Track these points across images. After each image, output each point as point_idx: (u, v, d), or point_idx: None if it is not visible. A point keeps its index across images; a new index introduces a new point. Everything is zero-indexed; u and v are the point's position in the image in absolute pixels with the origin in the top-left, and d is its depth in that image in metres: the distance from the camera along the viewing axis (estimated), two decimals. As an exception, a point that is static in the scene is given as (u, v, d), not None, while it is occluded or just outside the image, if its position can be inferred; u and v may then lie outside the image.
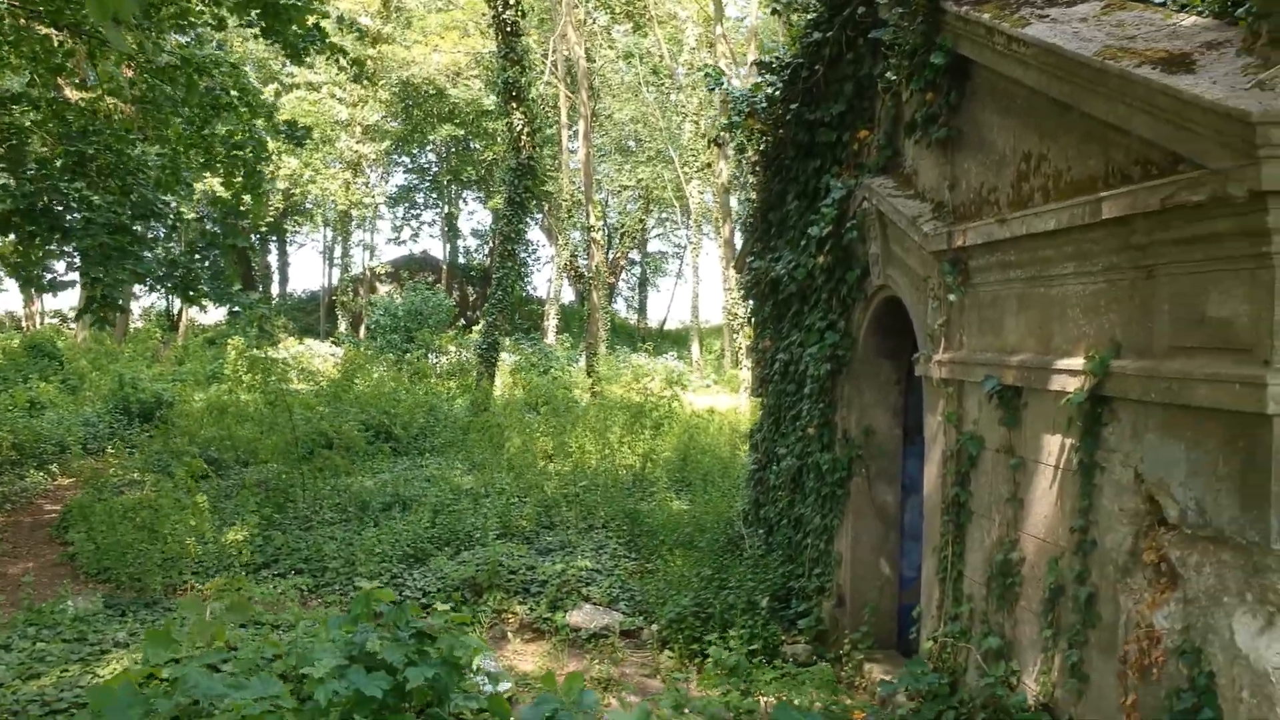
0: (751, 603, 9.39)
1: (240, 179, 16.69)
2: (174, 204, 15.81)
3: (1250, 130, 3.82)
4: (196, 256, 15.26)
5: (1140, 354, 4.85)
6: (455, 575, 10.16)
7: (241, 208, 15.50)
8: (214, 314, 52.18)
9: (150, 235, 15.20)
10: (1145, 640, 4.74)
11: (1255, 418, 4.04)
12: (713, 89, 10.86)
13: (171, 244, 15.75)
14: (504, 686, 7.84)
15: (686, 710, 6.41)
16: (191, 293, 15.00)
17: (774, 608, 9.44)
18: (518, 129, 21.50)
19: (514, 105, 21.37)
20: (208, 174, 17.79)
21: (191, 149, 16.22)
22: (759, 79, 10.05)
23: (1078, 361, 5.30)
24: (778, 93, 9.66)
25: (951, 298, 6.66)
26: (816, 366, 9.19)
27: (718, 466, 15.59)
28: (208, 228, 14.75)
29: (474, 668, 6.42)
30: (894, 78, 7.44)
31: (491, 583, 10.03)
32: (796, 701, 6.73)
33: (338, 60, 16.38)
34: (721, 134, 11.00)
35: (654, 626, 9.38)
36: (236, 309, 15.22)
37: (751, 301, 11.53)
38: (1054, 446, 5.64)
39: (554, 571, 10.17)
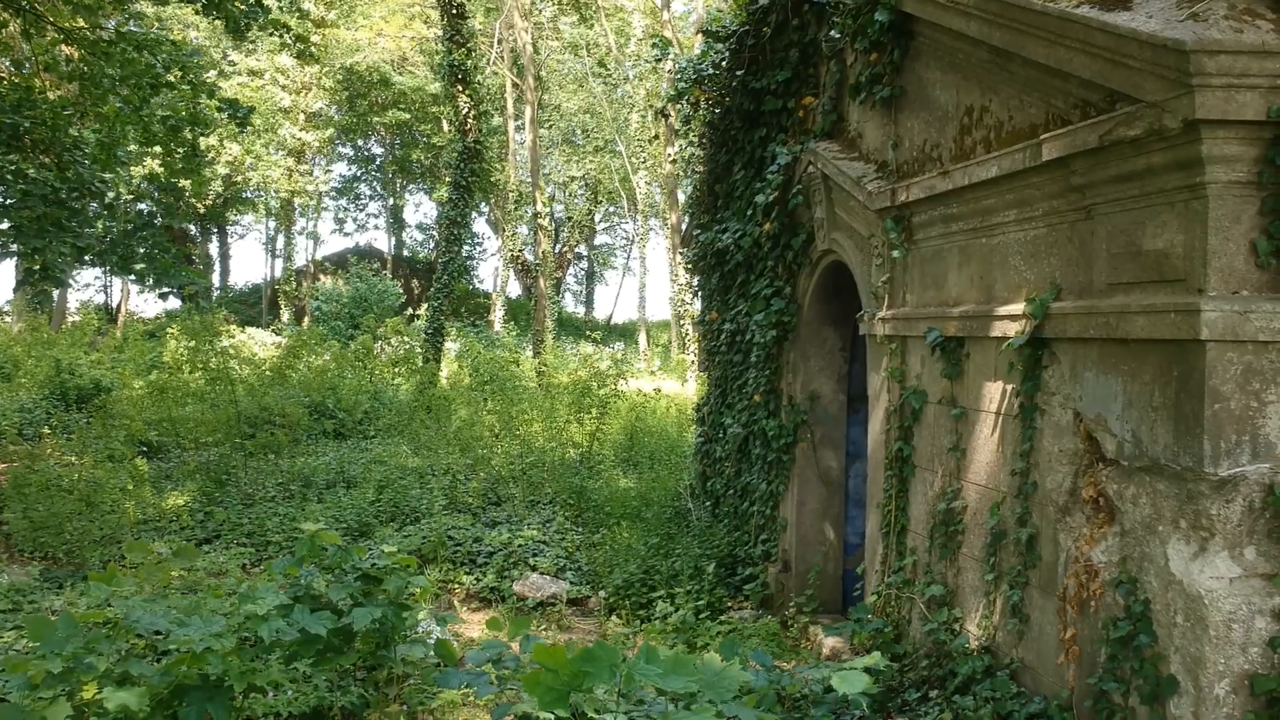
0: (698, 569, 9.41)
1: (179, 158, 16.42)
2: (111, 181, 15.49)
3: (1184, 59, 3.90)
4: (138, 234, 14.95)
5: (1080, 294, 4.94)
6: (401, 547, 10.06)
7: (180, 186, 15.23)
8: (154, 307, 51.40)
9: (90, 213, 14.87)
10: (1084, 575, 4.83)
11: (1189, 345, 4.13)
12: (659, 59, 10.86)
13: (112, 223, 15.39)
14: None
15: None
16: (129, 270, 14.71)
17: (720, 574, 9.48)
18: (463, 112, 21.35)
19: (459, 88, 21.22)
20: (146, 154, 17.46)
21: (129, 127, 15.90)
22: (705, 46, 10.08)
23: (1018, 307, 5.38)
24: (724, 61, 9.70)
25: (895, 254, 6.73)
26: (763, 334, 9.24)
27: (664, 446, 15.62)
28: (140, 207, 14.44)
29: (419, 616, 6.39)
30: (838, 37, 7.51)
31: (437, 554, 9.96)
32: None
33: (281, 37, 16.11)
34: (667, 105, 11.02)
35: (601, 594, 9.38)
36: (173, 286, 14.92)
37: (699, 276, 11.56)
38: (995, 394, 5.72)
39: (501, 542, 10.13)
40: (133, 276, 15.43)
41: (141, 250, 14.04)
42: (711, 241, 10.56)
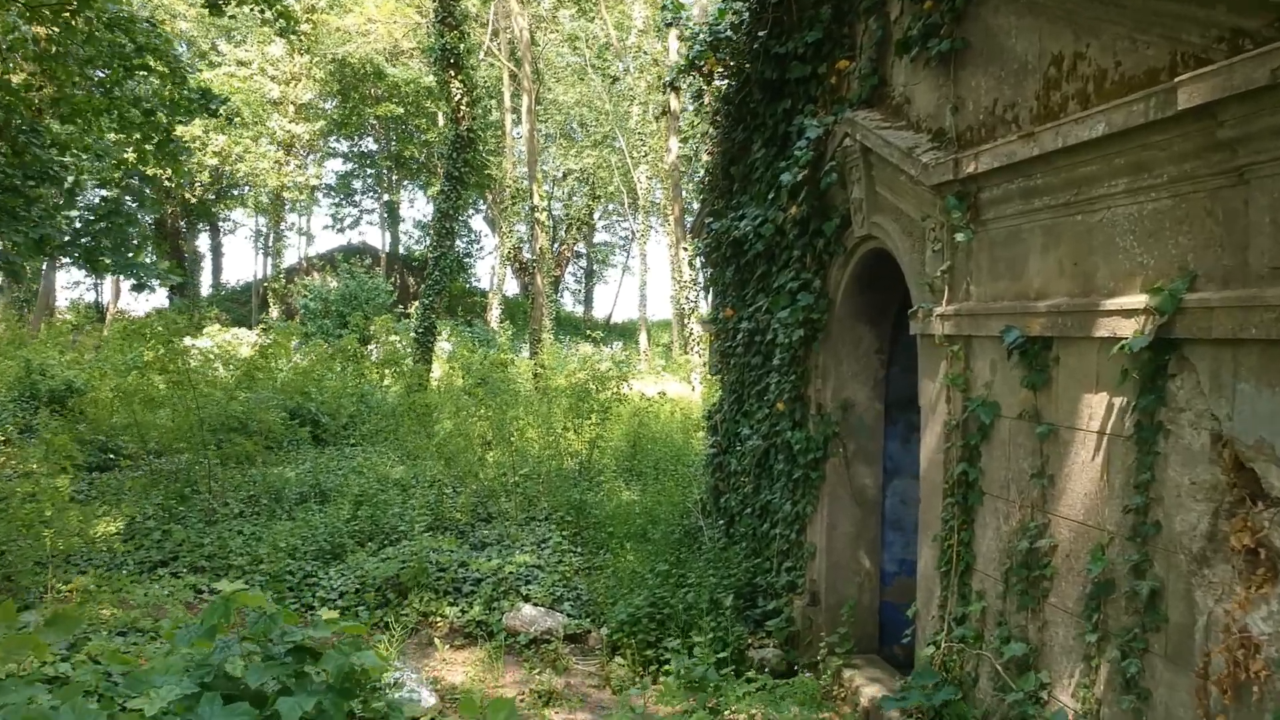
0: (714, 601, 8.27)
1: (155, 146, 15.33)
2: (72, 167, 14.34)
3: None
4: (102, 225, 13.80)
5: (1225, 282, 3.81)
6: (376, 573, 8.92)
7: (156, 174, 14.10)
8: (145, 305, 50.20)
9: (49, 200, 13.74)
10: (1238, 649, 3.69)
11: None
12: (670, 23, 9.72)
13: (74, 212, 14.25)
14: (427, 703, 6.66)
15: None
16: (95, 263, 13.59)
17: (739, 607, 8.34)
18: (456, 98, 20.19)
19: (452, 74, 20.06)
20: (124, 144, 16.32)
21: (101, 114, 14.79)
22: (723, 6, 8.91)
23: (1134, 300, 4.25)
24: (743, 23, 8.55)
25: (959, 238, 5.59)
26: (787, 333, 8.09)
27: (670, 454, 14.48)
28: (103, 194, 13.28)
29: (386, 683, 5.25)
30: (886, -16, 6.37)
31: (417, 581, 8.81)
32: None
33: (263, 12, 14.94)
34: (677, 77, 9.87)
35: (603, 630, 8.23)
36: (143, 280, 13.80)
37: (711, 269, 10.42)
38: (1097, 408, 4.58)
39: (489, 568, 8.96)
40: (99, 270, 14.35)
41: (108, 243, 12.92)
42: (727, 230, 9.42)
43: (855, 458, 7.86)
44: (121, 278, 12.72)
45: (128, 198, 13.41)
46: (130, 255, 13.03)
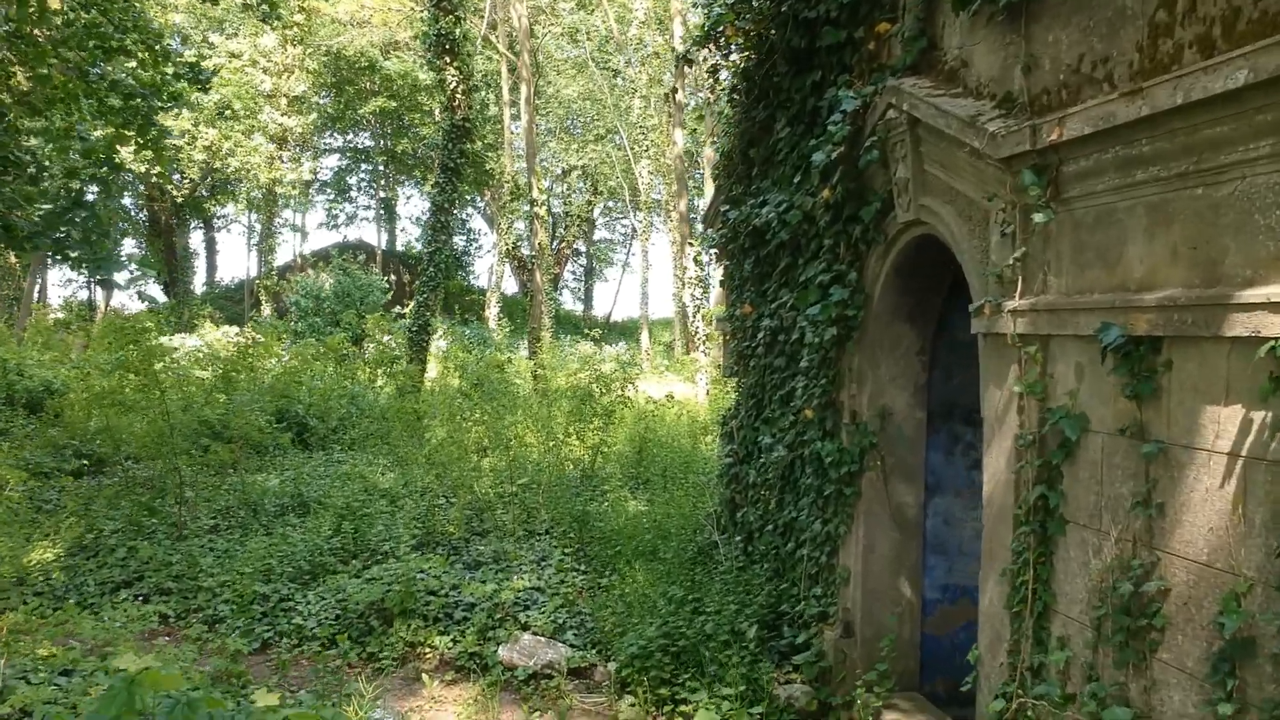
0: (735, 631, 7.41)
1: (133, 131, 14.48)
2: (40, 153, 13.45)
3: None
4: (69, 214, 12.89)
5: None
6: (359, 598, 8.05)
7: (144, 169, 13.22)
8: (138, 303, 49.20)
9: (12, 190, 12.82)
10: None
11: None
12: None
13: (44, 204, 13.33)
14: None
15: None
16: (64, 255, 12.72)
17: (762, 638, 7.47)
18: (451, 86, 19.30)
19: (447, 60, 19.17)
20: (102, 129, 15.45)
21: (77, 100, 13.92)
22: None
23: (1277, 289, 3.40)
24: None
25: (1036, 220, 4.72)
26: (817, 332, 7.23)
27: (678, 461, 13.60)
28: (72, 184, 12.38)
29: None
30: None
31: (404, 607, 7.94)
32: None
33: (248, -2, 14.06)
34: (691, 49, 9.00)
35: (611, 665, 7.35)
36: (109, 273, 12.91)
37: (727, 261, 9.55)
38: (1227, 424, 3.72)
39: (484, 593, 8.09)
40: (68, 264, 13.49)
41: (76, 235, 12.01)
42: (746, 218, 8.56)
43: (894, 472, 7.00)
44: (86, 272, 11.89)
45: (93, 186, 12.46)
46: (100, 246, 12.09)
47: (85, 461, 14.27)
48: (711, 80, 9.44)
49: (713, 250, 9.99)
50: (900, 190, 6.27)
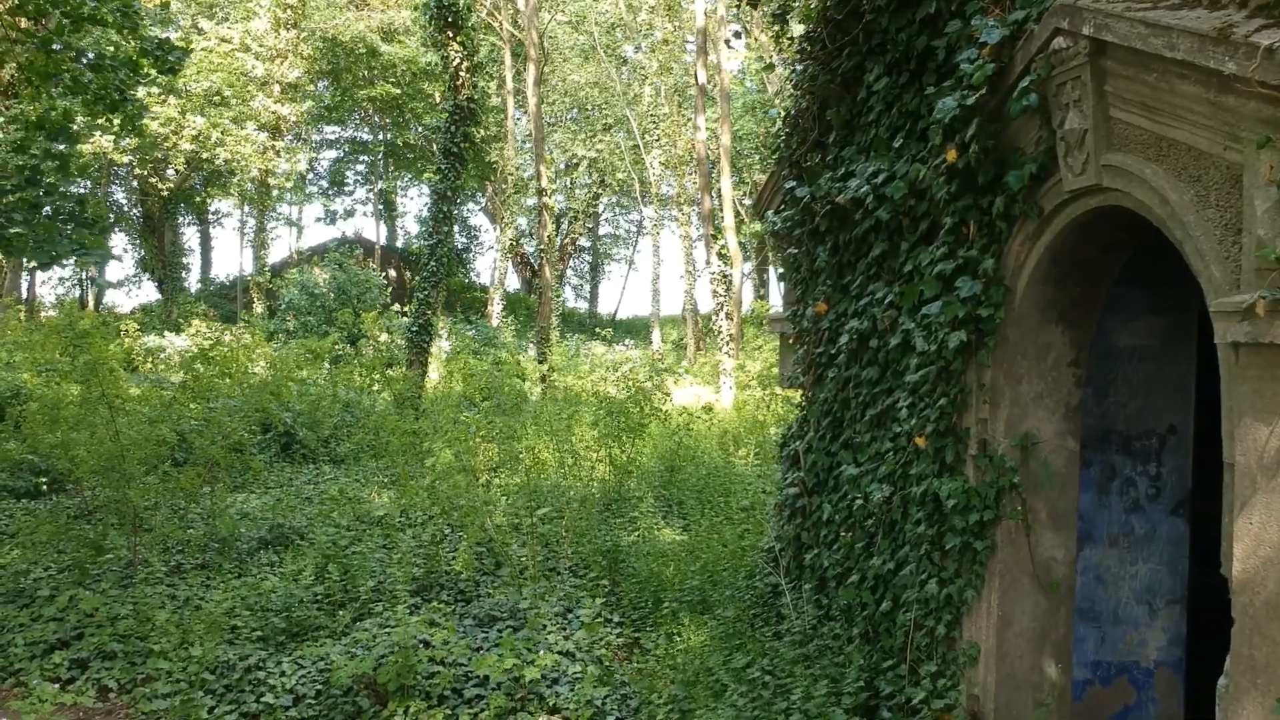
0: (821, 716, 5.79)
1: (106, 105, 12.98)
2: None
3: None
4: (12, 199, 11.28)
5: None
6: (345, 670, 6.41)
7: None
8: (132, 300, 47.53)
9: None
10: None
11: None
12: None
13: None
14: None
15: None
16: (5, 240, 11.14)
17: (857, 725, 5.85)
18: (454, 63, 17.67)
19: (450, 34, 17.55)
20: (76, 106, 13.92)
21: (49, 78, 12.38)
22: None
23: None
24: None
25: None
26: (932, 337, 5.60)
27: (714, 480, 11.94)
28: (17, 161, 10.77)
29: None
30: None
31: (401, 683, 6.30)
32: None
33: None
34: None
35: (668, 767, 5.74)
36: (61, 259, 11.30)
37: (790, 248, 7.90)
38: None
39: (501, 670, 6.42)
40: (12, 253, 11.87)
41: (18, 217, 10.39)
42: (825, 194, 6.91)
43: (1040, 521, 5.38)
44: (32, 262, 10.44)
45: (45, 164, 10.87)
46: (42, 227, 10.47)
47: (43, 479, 12.68)
48: (777, 29, 7.79)
49: (768, 238, 8.35)
50: (1070, 146, 4.64)
